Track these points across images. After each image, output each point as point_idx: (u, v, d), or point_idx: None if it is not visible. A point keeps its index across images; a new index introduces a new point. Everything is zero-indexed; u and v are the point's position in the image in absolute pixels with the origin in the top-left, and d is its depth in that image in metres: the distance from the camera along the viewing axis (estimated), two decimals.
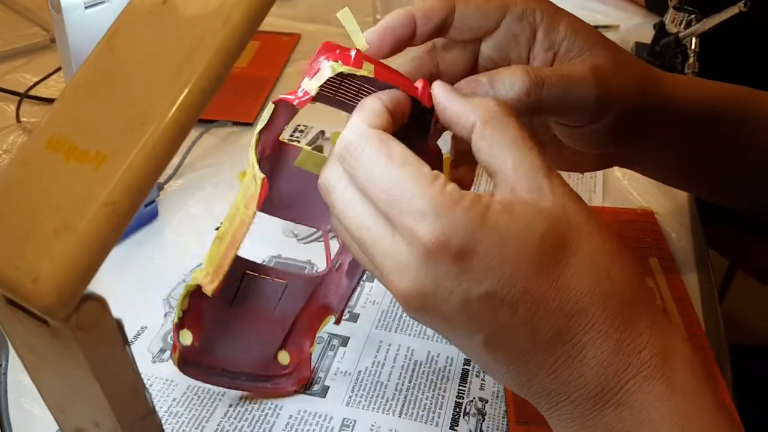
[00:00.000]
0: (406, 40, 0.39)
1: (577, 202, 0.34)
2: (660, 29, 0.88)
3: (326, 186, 0.35)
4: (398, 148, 0.33)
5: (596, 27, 0.45)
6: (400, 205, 0.32)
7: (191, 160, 0.71)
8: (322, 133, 0.75)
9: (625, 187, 0.70)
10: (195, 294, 0.41)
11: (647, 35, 0.92)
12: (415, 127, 0.39)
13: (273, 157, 0.41)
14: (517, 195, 0.32)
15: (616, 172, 0.72)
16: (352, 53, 0.37)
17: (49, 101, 0.79)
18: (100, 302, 0.26)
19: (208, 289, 0.39)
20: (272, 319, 0.45)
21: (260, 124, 0.37)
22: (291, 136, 0.75)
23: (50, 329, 0.26)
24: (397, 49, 0.39)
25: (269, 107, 0.37)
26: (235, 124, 0.77)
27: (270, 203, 0.42)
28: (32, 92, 0.79)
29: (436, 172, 0.32)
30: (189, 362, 0.44)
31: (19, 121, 0.76)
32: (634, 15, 1.07)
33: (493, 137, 0.34)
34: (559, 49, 0.42)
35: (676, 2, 0.85)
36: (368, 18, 1.00)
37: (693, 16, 0.84)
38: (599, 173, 0.72)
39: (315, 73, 0.36)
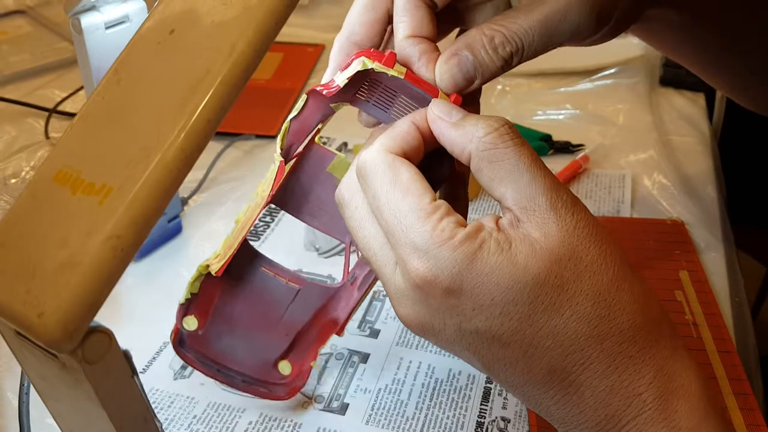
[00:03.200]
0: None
1: (587, 235, 0.31)
2: None
3: (340, 201, 0.36)
4: (405, 175, 0.33)
5: None
6: (396, 235, 0.32)
7: (215, 174, 0.71)
8: (345, 144, 0.75)
9: (654, 197, 0.69)
10: (208, 281, 0.43)
11: None
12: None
13: (308, 160, 0.42)
14: (519, 232, 0.31)
15: (645, 181, 0.71)
16: (386, 53, 0.37)
17: None
18: (106, 334, 0.26)
19: (214, 267, 0.41)
20: (280, 324, 0.45)
21: (292, 113, 0.39)
22: None
23: (58, 361, 0.26)
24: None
25: (302, 98, 0.39)
26: (259, 137, 0.77)
27: (298, 208, 0.43)
28: (60, 107, 0.80)
29: (436, 204, 0.32)
30: (186, 347, 0.44)
31: (48, 137, 0.77)
32: None
33: (489, 169, 0.32)
34: None
35: None
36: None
37: None
38: (628, 183, 0.70)
39: (347, 67, 0.37)
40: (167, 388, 0.50)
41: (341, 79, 0.37)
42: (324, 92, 0.38)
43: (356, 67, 0.37)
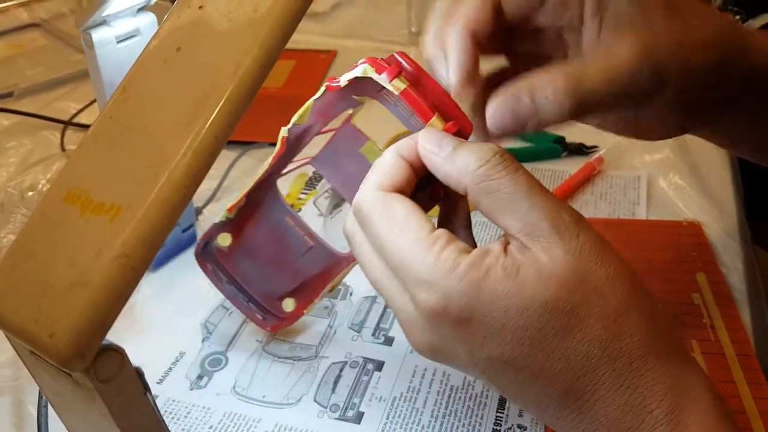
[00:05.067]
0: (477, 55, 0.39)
1: (594, 257, 0.31)
2: None
3: (347, 235, 0.37)
4: (400, 211, 0.33)
5: None
6: (402, 271, 0.32)
7: (229, 183, 0.72)
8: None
9: (670, 198, 0.68)
10: (242, 212, 0.49)
11: None
12: None
13: (344, 135, 0.46)
14: (528, 256, 0.31)
15: (661, 182, 0.70)
16: (392, 64, 0.37)
17: None
18: (118, 353, 0.26)
19: (228, 205, 0.48)
20: (291, 268, 0.51)
21: (315, 95, 0.42)
22: None
23: (72, 379, 0.27)
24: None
25: (322, 88, 0.41)
26: (272, 145, 0.77)
27: (326, 169, 0.48)
28: (76, 119, 0.81)
29: (436, 234, 0.32)
30: (209, 256, 0.50)
31: (63, 150, 0.77)
32: None
33: (488, 201, 0.33)
34: (605, 16, 0.38)
35: (720, 3, 0.82)
36: (403, 30, 0.99)
37: (738, 17, 0.81)
38: (643, 184, 0.69)
39: (355, 68, 0.38)
40: (183, 398, 0.51)
41: (343, 80, 0.38)
42: (331, 84, 0.40)
43: (357, 72, 0.37)
